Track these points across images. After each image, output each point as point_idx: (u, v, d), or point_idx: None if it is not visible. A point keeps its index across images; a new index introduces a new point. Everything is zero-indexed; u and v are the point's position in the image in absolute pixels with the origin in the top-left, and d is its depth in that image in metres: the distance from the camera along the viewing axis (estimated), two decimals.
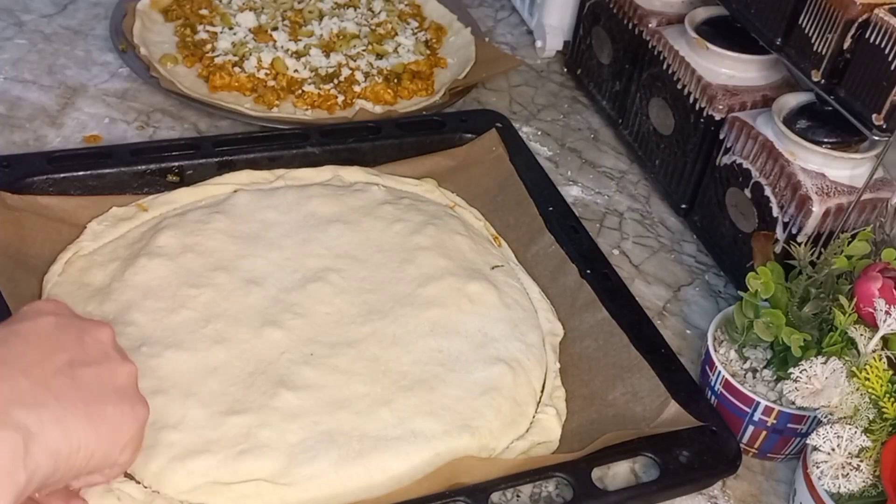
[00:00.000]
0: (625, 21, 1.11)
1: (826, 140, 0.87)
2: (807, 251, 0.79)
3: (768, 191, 0.89)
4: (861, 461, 0.68)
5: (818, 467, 0.68)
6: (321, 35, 1.22)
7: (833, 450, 0.68)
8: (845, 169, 0.86)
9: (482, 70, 1.21)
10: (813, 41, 0.84)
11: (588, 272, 0.90)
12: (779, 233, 0.88)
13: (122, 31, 1.16)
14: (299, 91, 1.13)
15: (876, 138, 0.80)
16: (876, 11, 0.78)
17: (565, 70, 1.28)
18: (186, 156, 0.97)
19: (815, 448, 0.69)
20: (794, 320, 0.77)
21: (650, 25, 1.07)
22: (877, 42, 0.78)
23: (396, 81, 1.16)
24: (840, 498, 0.69)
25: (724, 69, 0.98)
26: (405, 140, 1.04)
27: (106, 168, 0.93)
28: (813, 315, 0.77)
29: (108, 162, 0.94)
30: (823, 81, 0.84)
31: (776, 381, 0.79)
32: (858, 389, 0.69)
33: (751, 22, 0.92)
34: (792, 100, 0.91)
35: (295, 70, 1.15)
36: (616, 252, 1.01)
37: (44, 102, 1.07)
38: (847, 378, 0.70)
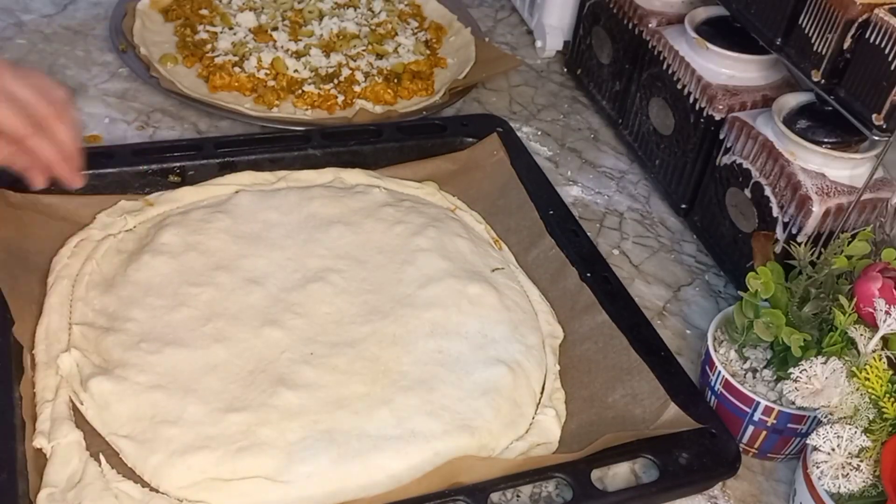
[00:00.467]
0: (625, 21, 1.11)
1: (826, 140, 0.87)
2: (807, 251, 0.79)
3: (768, 191, 0.89)
4: (861, 461, 0.68)
5: (818, 467, 0.68)
6: (321, 35, 1.22)
7: (833, 450, 0.68)
8: (845, 169, 0.86)
9: (482, 70, 1.21)
10: (813, 41, 0.84)
11: (588, 275, 0.90)
12: (779, 233, 0.88)
13: (122, 31, 1.17)
14: (299, 91, 1.13)
15: (876, 138, 0.80)
16: (876, 11, 0.78)
17: (565, 70, 1.29)
18: (188, 156, 0.97)
19: (815, 448, 0.69)
20: (794, 320, 0.77)
21: (650, 25, 1.07)
22: (877, 42, 0.78)
23: (396, 81, 1.16)
24: (840, 498, 0.69)
25: (724, 69, 0.98)
26: (406, 143, 1.04)
27: (108, 168, 0.94)
28: (813, 315, 0.77)
29: (110, 162, 0.94)
30: (823, 81, 0.84)
31: (776, 381, 0.79)
32: (858, 389, 0.69)
33: (751, 22, 0.92)
34: (792, 100, 0.91)
35: (295, 70, 1.15)
36: (616, 252, 1.01)
37: None
38: (847, 378, 0.70)
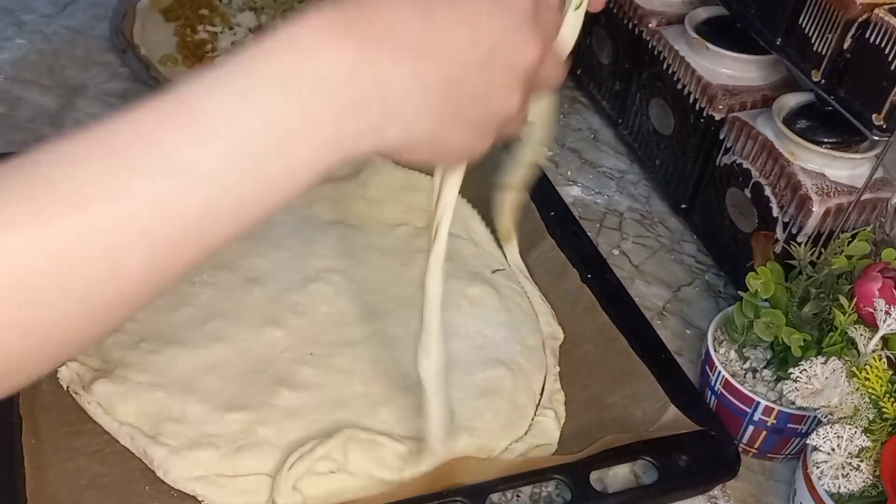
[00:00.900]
0: (625, 21, 1.10)
1: (826, 140, 0.86)
2: (807, 251, 0.79)
3: (768, 191, 0.88)
4: (861, 461, 0.67)
5: (818, 467, 0.68)
6: None
7: (833, 450, 0.68)
8: (845, 169, 0.86)
9: None
10: (813, 41, 0.83)
11: (589, 277, 0.90)
12: (779, 233, 0.88)
13: (123, 32, 1.16)
14: None
15: (876, 138, 0.79)
16: (876, 11, 0.78)
17: None
18: None
19: (815, 448, 0.68)
20: (794, 320, 0.77)
21: (650, 25, 1.06)
22: (877, 42, 0.78)
23: None
24: (840, 498, 0.69)
25: (724, 69, 0.98)
26: None
27: None
28: (813, 315, 0.77)
29: None
30: (823, 81, 0.83)
31: (776, 381, 0.79)
32: (858, 389, 0.69)
33: (751, 22, 0.92)
34: (792, 100, 0.91)
35: None
36: (616, 252, 1.01)
37: (44, 103, 1.07)
38: (847, 378, 0.69)
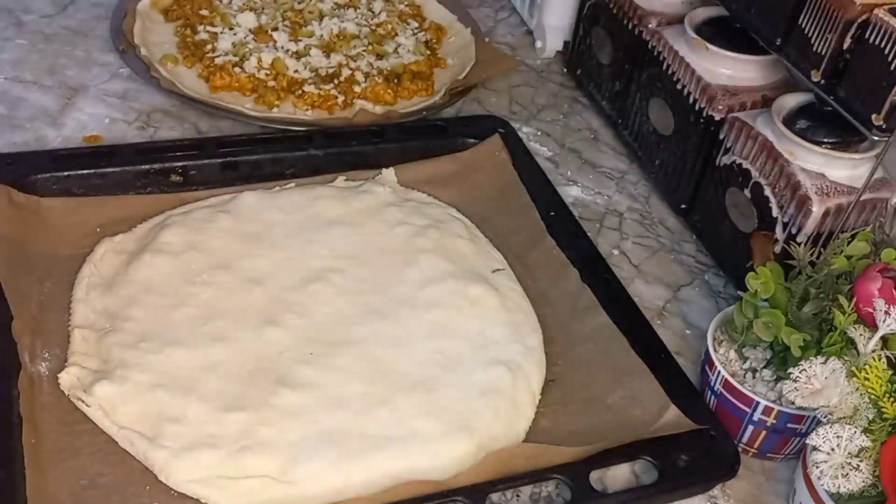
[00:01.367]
0: (624, 21, 1.10)
1: (826, 140, 0.86)
2: (806, 251, 0.79)
3: (768, 191, 0.88)
4: (861, 461, 0.68)
5: (818, 467, 0.68)
6: (321, 35, 1.22)
7: (833, 450, 0.68)
8: (845, 169, 0.86)
9: (482, 70, 1.21)
10: (813, 41, 0.83)
11: (589, 277, 0.90)
12: (778, 233, 0.87)
13: (123, 32, 1.16)
14: (299, 91, 1.12)
15: (875, 138, 0.80)
16: (875, 12, 0.78)
17: (565, 70, 1.28)
18: (190, 156, 0.97)
19: (815, 448, 0.69)
20: (794, 320, 0.77)
21: (650, 26, 1.06)
22: (876, 42, 0.78)
23: (396, 82, 1.16)
24: (840, 498, 0.69)
25: (724, 69, 0.98)
26: (408, 144, 1.04)
27: (110, 167, 0.94)
28: (812, 315, 0.77)
29: (112, 161, 0.94)
30: (823, 81, 0.84)
31: (776, 381, 0.79)
32: (858, 389, 0.69)
33: (750, 22, 0.92)
34: (791, 100, 0.91)
35: (295, 70, 1.15)
36: (616, 252, 1.01)
37: (44, 103, 1.07)
38: (847, 378, 0.70)
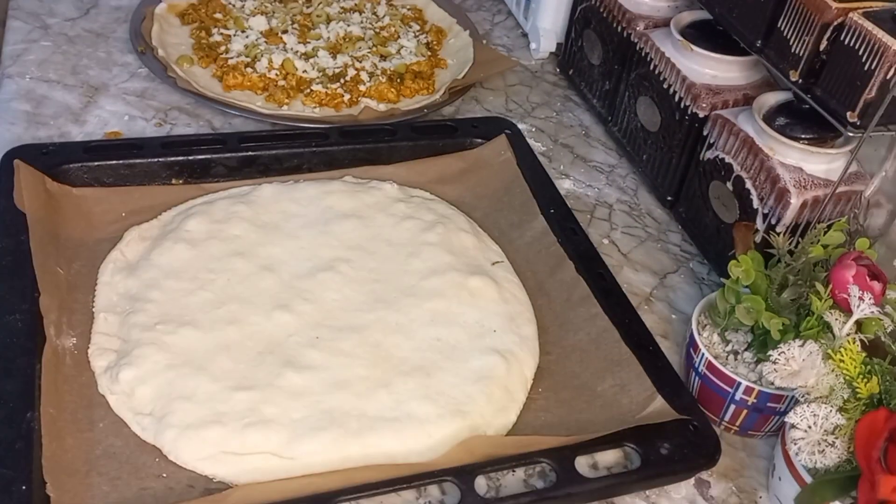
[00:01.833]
0: (614, 24, 1.10)
1: (803, 136, 0.87)
2: (785, 241, 0.79)
3: (749, 184, 0.89)
4: (836, 438, 0.68)
5: (796, 444, 0.69)
6: (328, 38, 1.23)
7: (810, 427, 0.68)
8: (821, 163, 0.86)
9: (480, 70, 1.21)
10: (791, 43, 0.84)
11: (584, 270, 0.89)
12: (759, 223, 0.88)
13: (142, 34, 1.17)
14: (308, 90, 1.13)
15: (850, 134, 0.79)
16: (851, 15, 0.78)
17: (558, 70, 1.29)
18: (213, 150, 0.98)
19: (793, 426, 0.69)
20: (774, 305, 0.77)
21: (638, 28, 1.07)
22: (851, 44, 0.78)
23: (399, 81, 1.17)
24: (816, 472, 0.69)
25: (708, 69, 0.98)
26: (419, 142, 1.04)
27: (138, 159, 0.95)
28: (791, 301, 0.77)
29: (141, 153, 0.95)
30: (801, 81, 0.84)
31: (756, 363, 0.79)
32: (834, 371, 0.69)
33: (733, 25, 0.92)
34: (771, 98, 0.91)
35: (304, 70, 1.15)
36: (606, 241, 1.01)
37: (67, 101, 1.08)
38: (823, 360, 0.70)
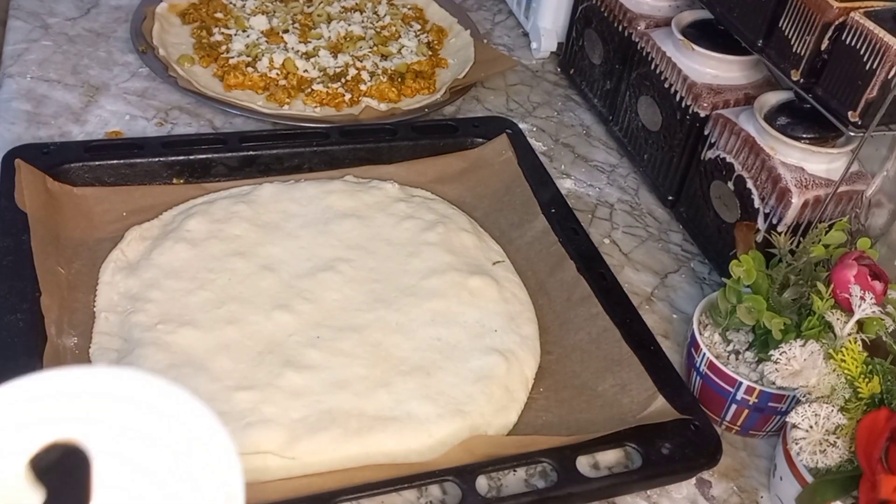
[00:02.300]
0: (615, 24, 1.10)
1: (805, 136, 0.86)
2: (786, 240, 0.79)
3: (750, 183, 0.88)
4: (837, 438, 0.68)
5: (797, 444, 0.68)
6: (329, 37, 1.22)
7: (811, 427, 0.68)
8: (823, 163, 0.86)
9: (481, 70, 1.21)
10: (792, 43, 0.83)
11: (585, 270, 0.89)
12: (760, 223, 0.87)
13: (142, 34, 1.16)
14: (309, 89, 1.12)
15: (852, 134, 0.79)
16: (852, 15, 0.78)
17: (559, 70, 1.28)
18: (214, 149, 0.97)
19: (795, 426, 0.69)
20: (775, 305, 0.77)
21: (639, 28, 1.06)
22: (852, 43, 0.78)
23: (400, 80, 1.16)
24: (818, 472, 0.69)
25: (709, 69, 0.98)
26: (420, 142, 1.04)
27: (139, 158, 0.94)
28: (792, 300, 0.77)
29: (141, 153, 0.95)
30: (802, 80, 0.83)
31: (757, 363, 0.79)
32: (835, 370, 0.69)
33: (734, 25, 0.91)
34: (772, 98, 0.91)
35: (305, 70, 1.15)
36: (607, 241, 1.01)
37: (68, 100, 1.07)
38: (824, 360, 0.70)
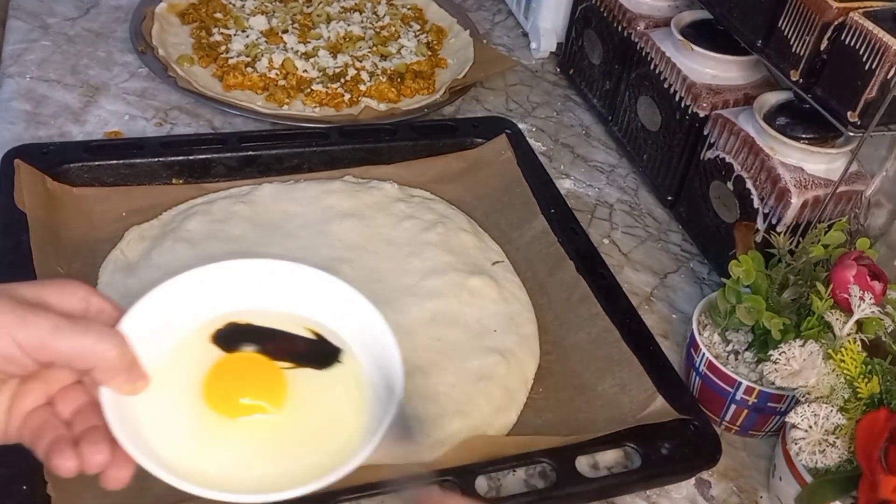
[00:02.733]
0: (614, 24, 1.10)
1: (804, 136, 0.86)
2: (786, 240, 0.78)
3: (749, 184, 0.88)
4: (837, 438, 0.68)
5: (796, 444, 0.68)
6: (329, 37, 1.22)
7: (810, 427, 0.68)
8: (822, 163, 0.86)
9: (480, 70, 1.20)
10: (791, 43, 0.83)
11: (585, 271, 0.89)
12: (759, 223, 0.87)
13: (142, 34, 1.16)
14: (308, 90, 1.12)
15: (851, 134, 0.79)
16: (851, 15, 0.78)
17: (558, 70, 1.28)
18: (214, 149, 0.97)
19: (794, 426, 0.69)
20: (774, 305, 0.77)
21: (638, 28, 1.06)
22: (852, 44, 0.78)
23: (400, 81, 1.16)
24: (817, 472, 0.69)
25: (708, 69, 0.98)
26: (419, 142, 1.03)
27: (138, 158, 0.94)
28: (792, 300, 0.77)
29: (141, 153, 0.94)
30: (801, 81, 0.83)
31: (757, 363, 0.79)
32: (834, 370, 0.69)
33: (733, 25, 0.91)
34: (772, 98, 0.91)
35: (304, 70, 1.15)
36: (606, 241, 1.01)
37: (67, 100, 1.07)
38: (824, 360, 0.70)
